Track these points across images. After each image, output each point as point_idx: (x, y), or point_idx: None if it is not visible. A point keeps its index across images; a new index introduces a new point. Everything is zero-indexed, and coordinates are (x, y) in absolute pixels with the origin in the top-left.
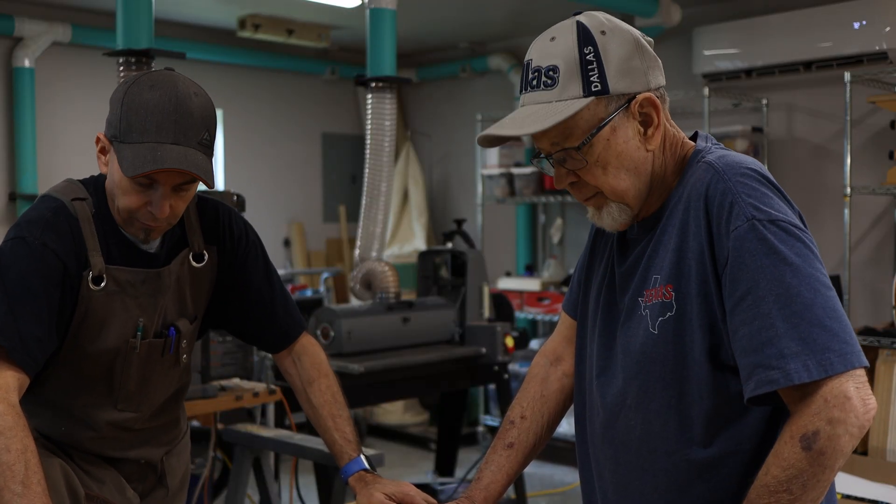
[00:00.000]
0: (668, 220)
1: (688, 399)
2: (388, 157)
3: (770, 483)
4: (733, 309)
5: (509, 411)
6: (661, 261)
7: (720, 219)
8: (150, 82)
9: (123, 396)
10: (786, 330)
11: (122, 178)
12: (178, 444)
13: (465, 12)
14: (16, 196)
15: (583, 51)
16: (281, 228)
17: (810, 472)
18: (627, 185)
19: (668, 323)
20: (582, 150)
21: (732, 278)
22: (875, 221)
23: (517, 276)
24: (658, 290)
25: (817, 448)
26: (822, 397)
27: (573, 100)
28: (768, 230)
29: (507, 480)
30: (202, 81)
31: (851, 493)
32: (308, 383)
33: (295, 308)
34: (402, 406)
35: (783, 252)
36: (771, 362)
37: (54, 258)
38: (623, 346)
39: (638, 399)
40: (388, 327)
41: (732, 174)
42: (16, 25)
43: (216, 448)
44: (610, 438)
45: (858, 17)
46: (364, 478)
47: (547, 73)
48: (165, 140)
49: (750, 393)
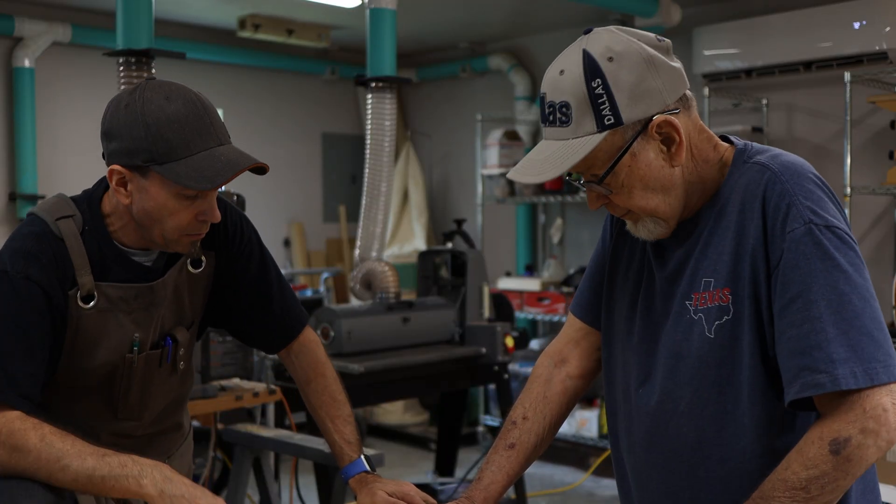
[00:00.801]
0: (718, 222)
1: (742, 405)
2: (388, 157)
3: (790, 478)
4: (783, 310)
5: (511, 412)
6: (712, 263)
7: (776, 219)
8: (162, 94)
9: (123, 407)
10: (836, 335)
11: (167, 199)
12: (181, 446)
13: (465, 12)
14: (16, 196)
15: (590, 85)
16: (281, 228)
17: (833, 475)
18: (657, 203)
19: (724, 327)
20: (605, 182)
21: (784, 280)
22: (875, 221)
23: (517, 276)
24: (713, 294)
25: (845, 454)
26: (860, 406)
27: (589, 136)
28: (824, 235)
29: (508, 481)
30: (202, 81)
31: None
32: (305, 383)
33: (294, 305)
34: (402, 406)
35: (837, 259)
36: (819, 366)
37: (38, 289)
38: (672, 352)
39: (691, 405)
40: (388, 327)
41: (790, 175)
42: (16, 25)
43: (216, 448)
44: (659, 446)
45: (858, 17)
46: (365, 479)
47: (560, 110)
48: (212, 144)
49: (794, 395)
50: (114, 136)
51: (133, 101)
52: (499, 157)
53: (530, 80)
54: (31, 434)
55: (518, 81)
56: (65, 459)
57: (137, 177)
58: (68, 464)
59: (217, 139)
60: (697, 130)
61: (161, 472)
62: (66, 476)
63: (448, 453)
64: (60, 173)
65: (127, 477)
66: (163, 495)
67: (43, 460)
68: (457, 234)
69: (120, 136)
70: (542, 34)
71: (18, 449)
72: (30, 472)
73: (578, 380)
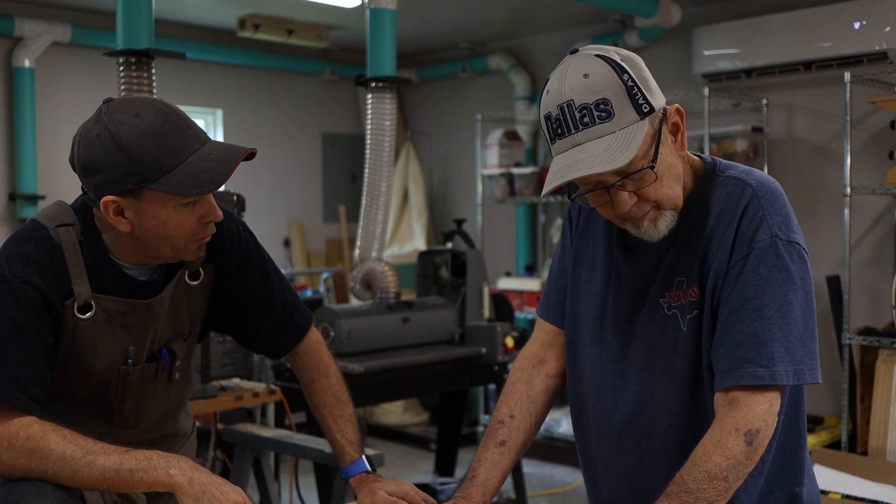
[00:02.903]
0: (694, 227)
1: (709, 392)
2: (388, 157)
3: (712, 470)
4: (737, 307)
5: (496, 412)
6: (686, 265)
7: (748, 228)
8: (130, 112)
9: (119, 416)
10: (779, 337)
11: (169, 214)
12: (183, 446)
13: (465, 12)
14: (16, 196)
15: (622, 78)
16: (281, 228)
17: (745, 464)
18: (678, 191)
19: (694, 320)
20: (655, 168)
21: (744, 281)
22: (875, 221)
23: (517, 276)
24: (686, 292)
25: (755, 444)
26: (769, 401)
27: (633, 125)
28: (786, 249)
29: (502, 476)
30: (202, 81)
31: (851, 493)
32: (309, 383)
33: (297, 309)
34: (402, 406)
35: (792, 271)
36: (761, 361)
37: (36, 294)
38: (647, 346)
39: (666, 393)
40: (388, 327)
41: (765, 192)
42: (16, 25)
43: (216, 448)
44: (632, 434)
45: (858, 17)
46: (365, 478)
47: (598, 108)
48: (197, 146)
49: (733, 382)
50: (95, 170)
51: (102, 128)
52: (499, 157)
53: (530, 80)
54: (51, 435)
55: (518, 81)
56: (90, 456)
57: (132, 201)
58: (94, 460)
59: (199, 139)
60: None
61: (187, 462)
62: (93, 472)
63: (448, 453)
64: (60, 173)
65: (155, 468)
66: (192, 483)
67: (67, 458)
68: (457, 234)
69: (102, 167)
70: (542, 34)
71: (39, 451)
72: (50, 474)
73: (557, 379)
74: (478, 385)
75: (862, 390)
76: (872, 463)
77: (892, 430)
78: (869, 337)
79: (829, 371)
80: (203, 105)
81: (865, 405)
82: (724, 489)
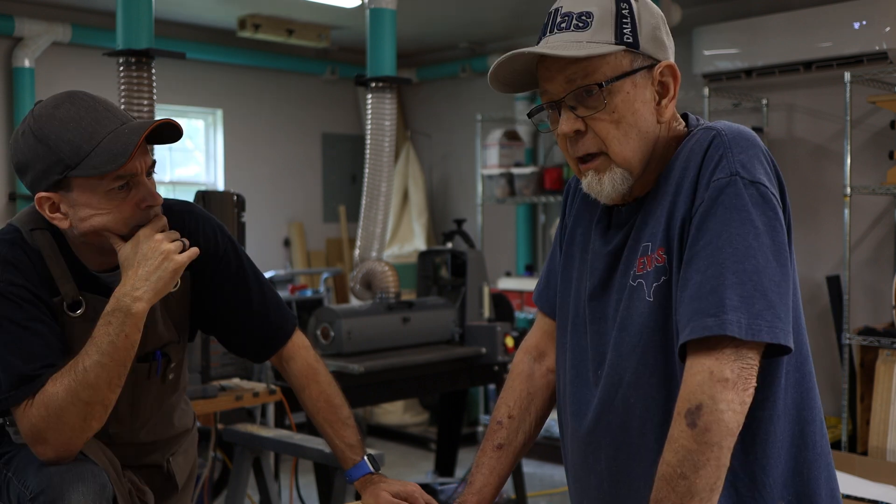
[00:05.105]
0: (660, 188)
1: (680, 368)
2: (388, 157)
3: (666, 472)
4: (693, 257)
5: (495, 411)
6: (651, 228)
7: (707, 169)
8: (50, 105)
9: (113, 416)
10: (733, 283)
11: (99, 201)
12: (184, 443)
13: (465, 12)
14: (16, 196)
15: (619, 4)
16: (281, 228)
17: (699, 451)
18: (635, 148)
19: (661, 288)
20: (604, 90)
21: (699, 226)
22: (875, 221)
23: (517, 276)
24: (651, 258)
25: (701, 425)
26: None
27: (605, 44)
28: (747, 189)
29: (500, 482)
30: (202, 81)
31: (851, 493)
32: (300, 390)
33: (278, 313)
34: (402, 406)
35: (753, 214)
36: (710, 309)
37: (26, 291)
38: (619, 325)
39: (637, 374)
40: (388, 327)
41: (732, 134)
42: (16, 25)
43: (216, 448)
44: (607, 423)
45: (858, 17)
46: (370, 479)
47: (579, 17)
48: (114, 125)
49: (685, 338)
50: (26, 167)
51: (27, 127)
52: (499, 157)
53: None
54: (50, 387)
55: None
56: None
57: (63, 194)
58: (85, 366)
59: (118, 120)
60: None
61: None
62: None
63: (448, 453)
64: None
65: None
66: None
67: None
68: (457, 234)
69: (29, 163)
70: None
71: (56, 405)
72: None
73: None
74: (478, 385)
75: (862, 390)
76: (872, 463)
77: (892, 430)
78: (869, 337)
79: (829, 371)
80: (203, 105)
81: (865, 405)
82: (686, 487)
